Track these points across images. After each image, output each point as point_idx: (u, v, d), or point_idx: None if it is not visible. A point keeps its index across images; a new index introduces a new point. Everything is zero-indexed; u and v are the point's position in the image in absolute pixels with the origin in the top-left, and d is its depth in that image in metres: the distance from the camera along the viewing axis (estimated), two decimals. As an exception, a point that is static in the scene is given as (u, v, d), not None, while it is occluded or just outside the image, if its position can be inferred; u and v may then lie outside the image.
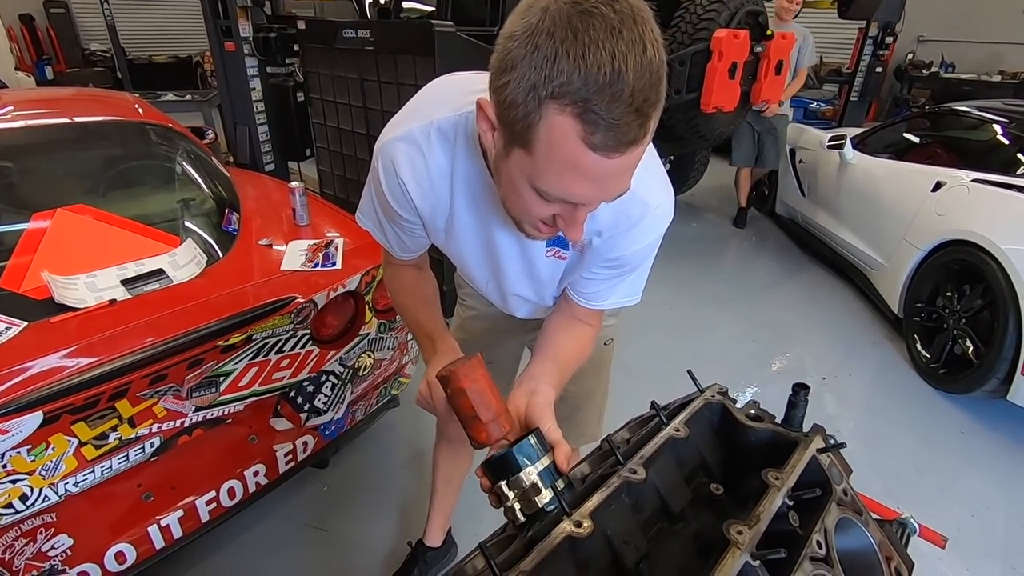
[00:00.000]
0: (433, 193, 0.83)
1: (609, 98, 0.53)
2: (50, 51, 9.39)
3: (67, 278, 1.36)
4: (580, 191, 0.61)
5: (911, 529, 0.81)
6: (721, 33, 3.30)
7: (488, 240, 0.90)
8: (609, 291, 0.95)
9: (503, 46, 0.58)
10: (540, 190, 0.63)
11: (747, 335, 3.13)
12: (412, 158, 0.80)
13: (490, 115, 0.63)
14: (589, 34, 0.52)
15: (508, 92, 0.57)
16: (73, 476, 1.21)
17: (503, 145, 0.64)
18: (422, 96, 0.87)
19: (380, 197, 0.88)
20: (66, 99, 2.28)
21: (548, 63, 0.53)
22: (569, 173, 0.59)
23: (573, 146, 0.56)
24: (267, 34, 3.68)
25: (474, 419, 0.74)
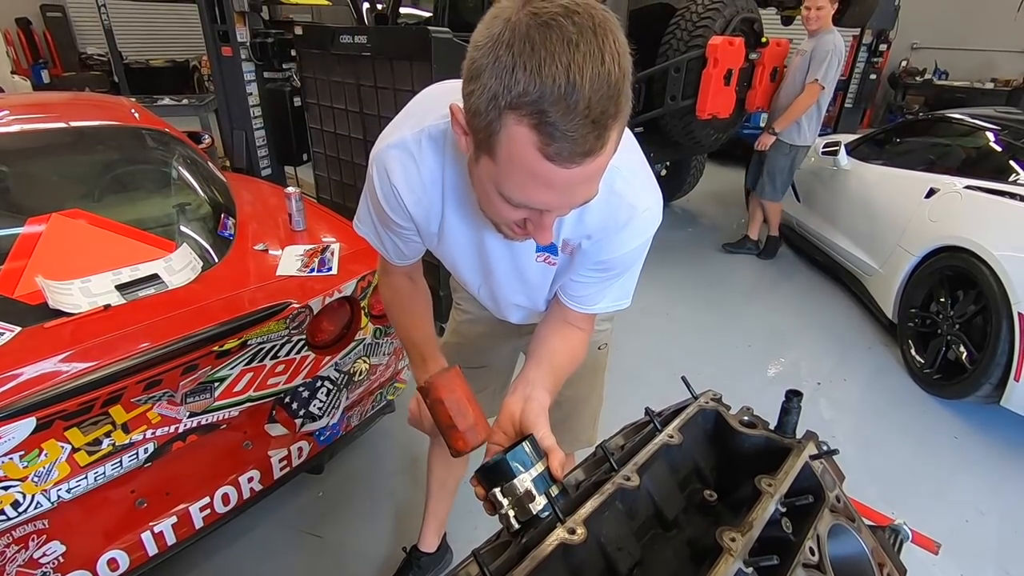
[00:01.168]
0: (426, 198, 0.84)
1: (564, 110, 0.53)
2: (46, 55, 9.38)
3: (62, 283, 1.35)
4: (541, 199, 0.62)
5: (904, 535, 0.82)
6: (716, 40, 3.33)
7: (479, 245, 0.91)
8: (599, 294, 0.95)
9: (470, 55, 0.59)
10: (505, 196, 0.64)
11: (742, 340, 3.14)
12: (405, 165, 0.81)
13: (461, 121, 0.64)
14: (546, 47, 0.52)
15: (473, 100, 0.58)
16: (66, 482, 1.20)
17: (473, 151, 0.65)
18: (414, 104, 0.88)
19: (376, 205, 0.89)
20: (62, 103, 2.27)
21: (507, 74, 0.54)
22: (529, 182, 0.60)
23: (530, 156, 0.57)
24: (264, 39, 3.69)
25: (451, 427, 0.76)
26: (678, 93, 3.51)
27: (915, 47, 8.61)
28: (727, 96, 3.51)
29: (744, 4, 3.60)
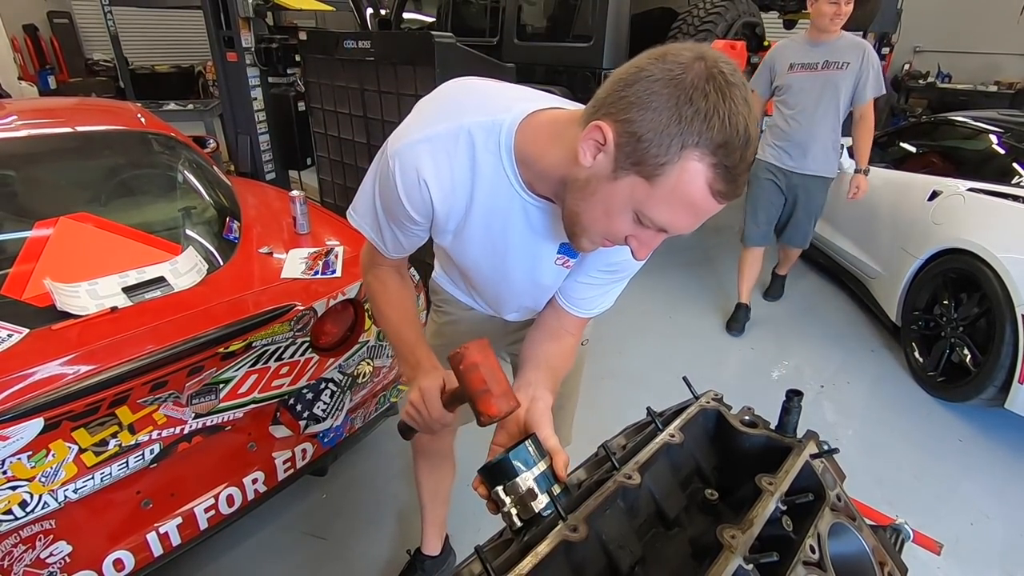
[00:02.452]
0: (453, 196, 0.83)
1: (738, 158, 0.62)
2: (53, 61, 9.47)
3: (69, 286, 1.37)
4: (683, 224, 0.69)
5: (905, 535, 0.82)
6: (718, 44, 3.34)
7: (500, 247, 0.91)
8: (600, 298, 0.98)
9: (632, 78, 0.64)
10: (645, 216, 0.68)
11: (745, 343, 3.13)
12: (437, 160, 0.80)
13: (608, 138, 0.66)
14: (734, 101, 0.61)
15: (640, 127, 0.63)
16: (73, 483, 1.21)
17: (612, 169, 0.67)
18: (445, 100, 0.86)
19: (389, 199, 0.87)
20: (69, 109, 2.30)
21: (698, 118, 0.61)
22: (684, 209, 0.67)
23: (699, 191, 0.64)
24: (269, 44, 3.72)
25: (485, 392, 0.75)
26: (680, 96, 3.52)
27: (918, 50, 8.61)
28: (729, 99, 3.52)
29: (746, 8, 3.62)
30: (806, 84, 2.71)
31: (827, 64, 2.65)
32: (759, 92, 2.85)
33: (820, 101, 2.71)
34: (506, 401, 0.75)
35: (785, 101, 2.80)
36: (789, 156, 2.86)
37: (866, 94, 2.67)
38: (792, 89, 2.74)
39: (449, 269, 1.20)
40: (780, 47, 2.81)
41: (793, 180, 2.91)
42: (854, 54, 2.62)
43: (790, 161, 2.86)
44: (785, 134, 2.83)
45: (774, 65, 2.79)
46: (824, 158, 2.83)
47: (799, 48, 2.73)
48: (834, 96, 2.68)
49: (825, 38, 2.65)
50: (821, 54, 2.67)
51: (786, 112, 2.80)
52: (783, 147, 2.86)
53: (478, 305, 1.22)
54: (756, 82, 2.86)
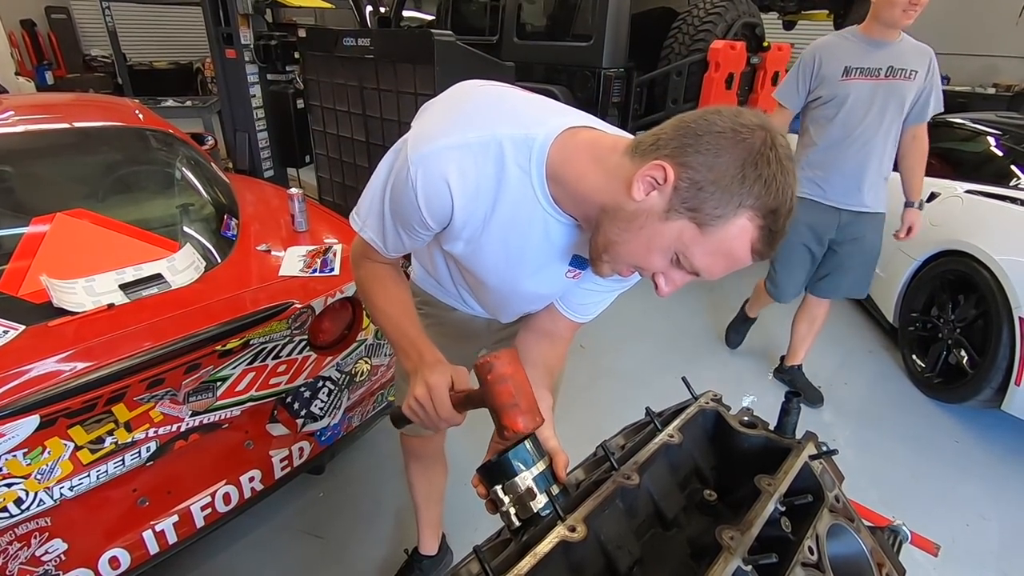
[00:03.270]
0: (474, 204, 0.81)
1: (782, 225, 0.68)
2: (51, 56, 9.44)
3: (66, 282, 1.36)
4: (717, 272, 0.73)
5: (903, 536, 0.82)
6: (718, 44, 3.34)
7: (515, 258, 0.89)
8: (598, 304, 0.99)
9: (701, 128, 0.68)
10: (686, 259, 0.71)
11: (744, 344, 3.14)
12: (464, 168, 0.78)
13: (668, 179, 0.68)
14: (788, 172, 0.67)
15: (704, 178, 0.66)
16: (69, 480, 1.21)
17: (665, 209, 0.69)
18: (474, 106, 0.83)
19: (403, 202, 0.83)
20: (67, 104, 2.29)
21: (760, 183, 0.65)
22: (723, 259, 0.71)
23: (742, 246, 0.69)
24: (268, 41, 3.71)
25: (513, 407, 0.73)
26: (680, 97, 3.52)
27: (917, 52, 8.62)
28: (728, 100, 3.52)
29: (746, 8, 3.62)
30: (865, 95, 2.08)
31: (892, 71, 2.06)
32: (788, 104, 2.23)
33: (883, 117, 2.09)
34: (532, 418, 0.74)
35: (833, 116, 2.14)
36: (838, 189, 2.19)
37: (927, 111, 2.16)
38: (847, 101, 2.09)
39: (435, 270, 1.17)
40: (827, 46, 2.14)
41: (843, 219, 2.23)
42: (921, 61, 2.09)
43: (840, 196, 2.20)
44: (832, 160, 2.17)
45: (819, 69, 2.13)
46: (882, 189, 2.24)
47: (855, 49, 2.09)
48: (899, 111, 2.11)
49: (890, 37, 2.06)
50: (884, 58, 2.06)
51: (834, 131, 2.14)
52: (827, 177, 2.19)
53: (462, 306, 1.21)
54: (787, 91, 2.23)
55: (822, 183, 2.21)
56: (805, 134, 2.26)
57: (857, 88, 2.09)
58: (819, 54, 2.14)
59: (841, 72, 2.10)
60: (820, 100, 2.16)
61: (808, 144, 2.24)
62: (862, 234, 2.28)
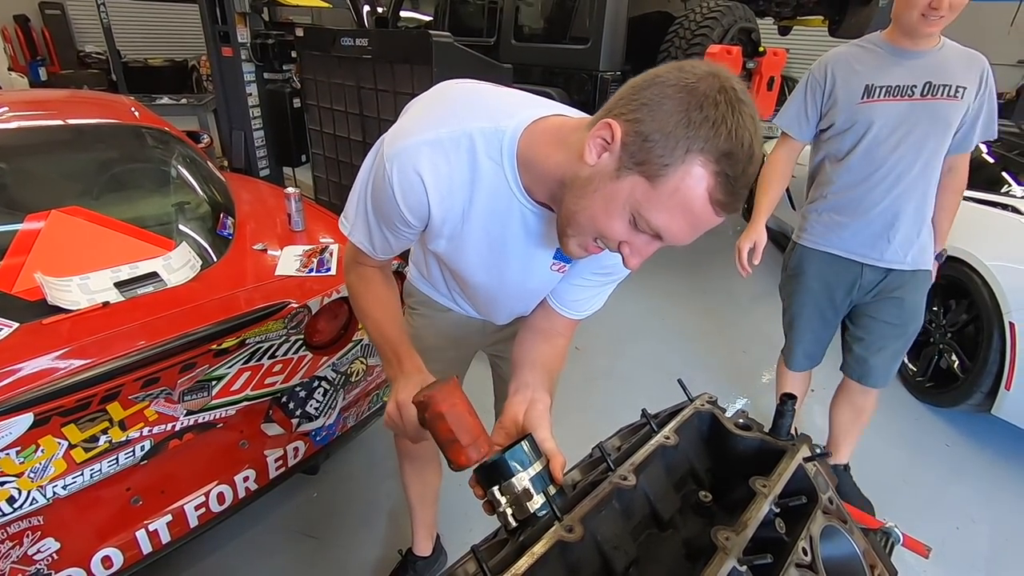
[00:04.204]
0: (450, 199, 0.83)
1: (740, 171, 0.64)
2: (44, 52, 9.37)
3: (60, 280, 1.36)
4: (678, 230, 0.68)
5: (895, 538, 0.83)
6: (714, 49, 3.36)
7: (497, 251, 0.90)
8: (591, 300, 0.99)
9: (646, 83, 0.66)
10: (642, 218, 0.68)
11: (738, 345, 3.15)
12: (436, 163, 0.80)
13: (616, 136, 0.66)
14: (742, 115, 0.63)
15: (648, 127, 0.64)
16: (62, 479, 1.20)
17: (615, 168, 0.67)
18: (445, 103, 0.85)
19: (382, 201, 0.85)
20: (61, 101, 2.28)
21: (707, 125, 0.62)
22: (681, 215, 0.66)
23: (699, 196, 0.64)
24: (265, 40, 3.70)
25: (453, 442, 0.74)
26: (676, 100, 3.53)
27: (910, 59, 8.69)
28: (724, 104, 3.54)
29: (742, 13, 3.64)
30: (894, 120, 1.58)
31: (931, 89, 1.56)
32: (794, 132, 1.78)
33: (921, 147, 1.59)
34: (476, 449, 0.74)
35: (852, 148, 1.65)
36: (860, 239, 1.71)
37: (971, 138, 1.64)
38: (870, 129, 1.61)
39: (428, 272, 1.18)
40: (841, 58, 1.66)
41: (866, 278, 1.74)
42: (970, 74, 1.58)
43: (862, 247, 1.71)
44: (854, 203, 1.69)
45: (832, 87, 1.66)
46: (920, 239, 1.69)
47: (879, 61, 1.60)
48: (941, 139, 1.59)
49: (925, 45, 1.58)
50: (920, 71, 1.57)
51: (856, 167, 1.66)
52: (847, 224, 1.71)
53: (456, 307, 1.21)
54: (791, 116, 1.77)
55: (840, 230, 1.73)
56: (819, 171, 1.80)
57: (884, 111, 1.59)
58: (831, 68, 1.65)
59: (861, 92, 1.60)
60: (835, 128, 1.67)
61: (823, 183, 1.77)
62: (891, 299, 1.73)
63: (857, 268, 1.75)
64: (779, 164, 1.85)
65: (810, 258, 1.83)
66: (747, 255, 1.80)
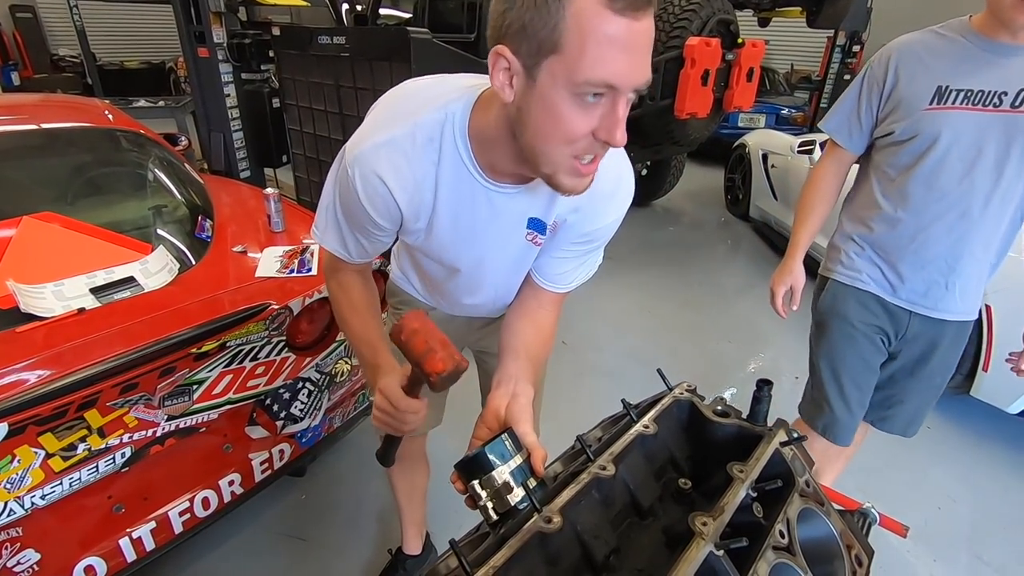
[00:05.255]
0: (418, 195, 0.84)
1: None
2: (16, 56, 9.18)
3: (33, 287, 1.33)
4: (620, 67, 0.64)
5: (872, 518, 0.84)
6: (693, 41, 3.38)
7: (469, 236, 0.91)
8: (575, 271, 0.99)
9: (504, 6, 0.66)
10: (580, 83, 0.64)
11: (724, 337, 3.18)
12: (395, 162, 0.81)
13: (508, 57, 0.66)
14: None
15: (521, 19, 0.64)
16: (40, 489, 1.18)
17: (526, 78, 0.67)
18: (391, 103, 0.87)
19: (351, 206, 0.87)
20: (33, 105, 2.23)
21: None
22: (605, 49, 0.62)
23: (602, 17, 0.61)
24: (242, 40, 3.66)
25: (429, 352, 0.75)
26: (656, 93, 3.55)
27: (887, 48, 8.79)
28: (705, 96, 3.56)
29: (720, 5, 3.65)
30: (971, 135, 1.23)
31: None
32: (844, 140, 1.42)
33: (1000, 172, 1.24)
34: (450, 356, 0.75)
35: (912, 165, 1.29)
36: (914, 284, 1.37)
37: None
38: (938, 142, 1.25)
39: (409, 270, 1.19)
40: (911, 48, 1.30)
41: (913, 327, 1.42)
42: None
43: (916, 296, 1.38)
44: (908, 238, 1.34)
45: (892, 86, 1.30)
46: (979, 283, 1.38)
47: (960, 55, 1.24)
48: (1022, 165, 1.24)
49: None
50: (1014, 74, 1.20)
51: (914, 191, 1.30)
52: (898, 264, 1.37)
53: (440, 305, 1.21)
54: (841, 119, 1.41)
55: (889, 271, 1.39)
56: (865, 191, 1.42)
57: (957, 123, 1.23)
58: (895, 61, 1.30)
59: (932, 94, 1.24)
60: (892, 137, 1.30)
61: (868, 207, 1.40)
62: (933, 348, 1.43)
63: (905, 316, 1.41)
64: (824, 182, 1.48)
65: (850, 296, 1.46)
66: (784, 299, 1.56)
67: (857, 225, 1.45)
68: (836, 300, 1.50)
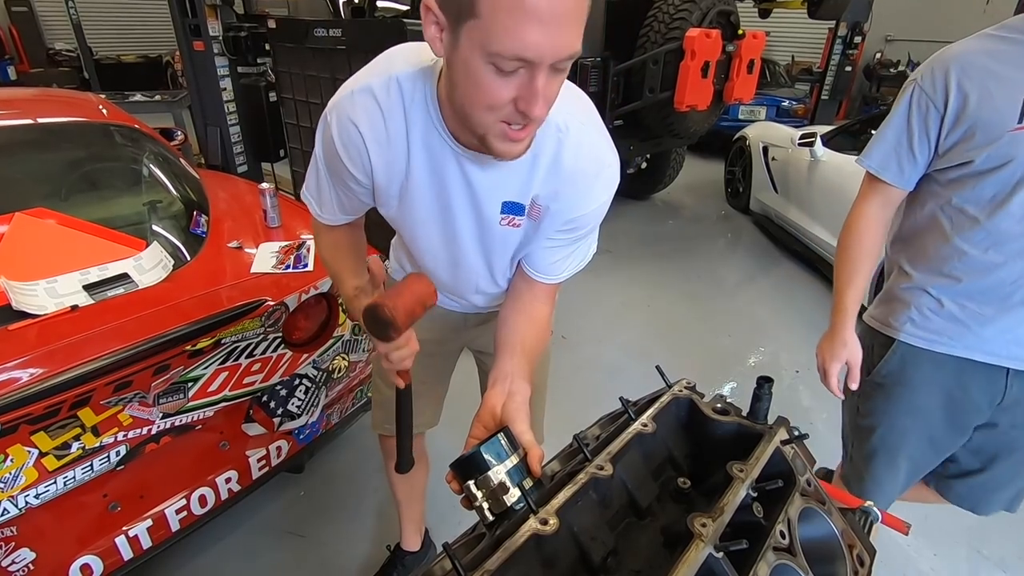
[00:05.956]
0: (390, 150, 0.84)
1: None
2: (12, 51, 9.12)
3: (26, 284, 1.32)
4: (533, 39, 0.60)
5: (873, 517, 0.83)
6: (693, 32, 3.35)
7: (444, 208, 0.90)
8: (565, 260, 0.97)
9: None
10: (495, 54, 0.62)
11: (723, 331, 3.17)
12: (370, 112, 0.81)
13: (435, 11, 0.65)
14: None
15: None
16: (34, 488, 1.17)
17: (451, 36, 0.66)
18: (378, 59, 0.87)
19: (330, 156, 0.88)
20: (27, 99, 2.21)
21: None
22: (518, 20, 0.59)
23: None
24: (237, 33, 3.62)
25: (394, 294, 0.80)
26: (656, 85, 3.52)
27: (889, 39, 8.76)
28: (705, 88, 3.53)
29: (720, -4, 3.62)
30: None
31: None
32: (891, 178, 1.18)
33: None
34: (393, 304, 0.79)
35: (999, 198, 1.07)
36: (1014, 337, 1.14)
37: None
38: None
39: (403, 258, 1.19)
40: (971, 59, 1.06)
41: (1014, 390, 1.18)
42: None
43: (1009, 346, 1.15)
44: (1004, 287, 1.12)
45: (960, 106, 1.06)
46: None
47: None
48: None
49: None
50: None
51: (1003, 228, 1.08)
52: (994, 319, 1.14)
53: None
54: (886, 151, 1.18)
55: (980, 326, 1.15)
56: (934, 234, 1.17)
57: None
58: (958, 74, 1.06)
59: (1019, 110, 1.01)
60: (971, 168, 1.07)
61: (944, 254, 1.16)
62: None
63: (1002, 377, 1.17)
64: (870, 231, 1.23)
65: (925, 362, 1.21)
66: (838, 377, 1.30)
67: (934, 276, 1.17)
68: (906, 366, 1.23)
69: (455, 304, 1.18)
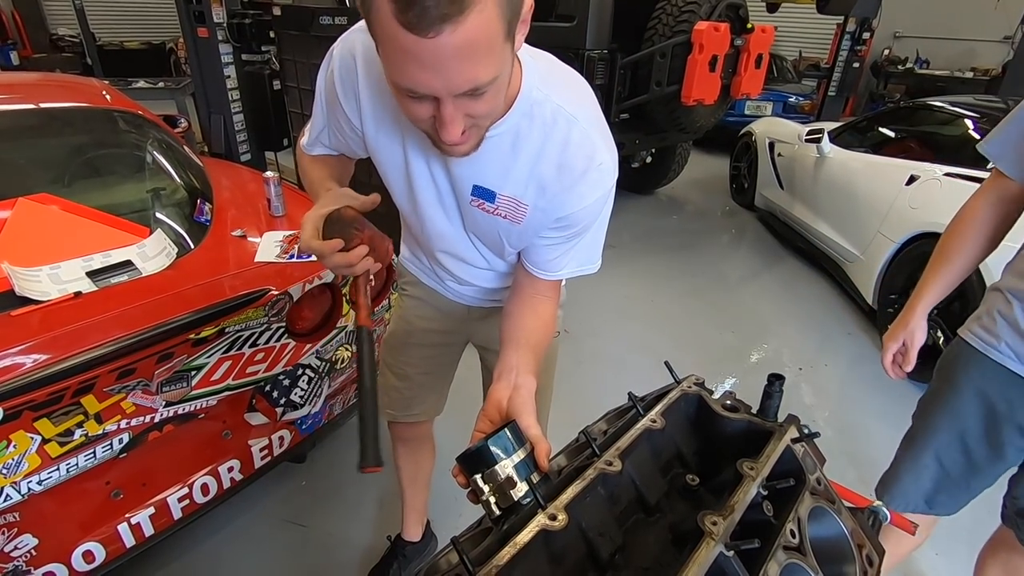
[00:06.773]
0: (380, 98, 0.83)
1: None
2: (15, 36, 9.08)
3: (29, 270, 1.31)
4: (420, 79, 0.59)
5: (882, 517, 0.82)
6: (702, 26, 3.32)
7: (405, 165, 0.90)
8: (564, 258, 0.95)
9: None
10: (392, 83, 0.63)
11: (726, 327, 3.16)
12: (368, 50, 0.80)
13: None
14: None
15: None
16: (37, 474, 1.17)
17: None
18: None
19: (329, 87, 0.88)
20: (30, 84, 2.19)
21: None
22: (404, 61, 0.58)
23: (394, 29, 0.55)
24: (242, 20, 3.60)
25: None
26: (663, 79, 3.49)
27: (897, 36, 8.69)
28: (712, 82, 3.50)
29: (729, -11, 3.58)
30: None
31: None
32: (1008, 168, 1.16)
33: None
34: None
35: None
36: None
37: None
38: None
39: (411, 242, 1.19)
40: None
41: None
42: None
43: None
44: None
45: None
46: None
47: None
48: None
49: None
50: None
51: None
52: None
53: (440, 286, 1.20)
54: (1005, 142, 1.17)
55: None
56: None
57: None
58: None
59: None
60: None
61: None
62: None
63: None
64: (974, 220, 1.17)
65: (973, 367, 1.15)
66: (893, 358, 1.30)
67: (1016, 279, 1.07)
68: (957, 363, 1.18)
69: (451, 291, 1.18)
